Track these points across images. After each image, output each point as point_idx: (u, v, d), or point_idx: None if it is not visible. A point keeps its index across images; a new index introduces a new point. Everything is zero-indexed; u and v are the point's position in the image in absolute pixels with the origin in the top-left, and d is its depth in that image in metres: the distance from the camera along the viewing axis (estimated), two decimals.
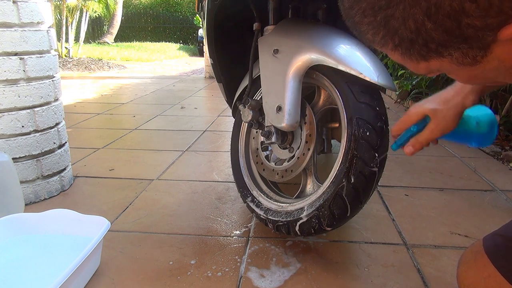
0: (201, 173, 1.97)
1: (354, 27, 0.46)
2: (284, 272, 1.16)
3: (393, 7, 0.39)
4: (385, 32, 0.42)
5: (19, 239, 1.23)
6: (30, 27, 1.52)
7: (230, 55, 1.53)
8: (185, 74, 7.24)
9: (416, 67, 0.47)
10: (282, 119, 1.17)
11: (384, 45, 0.44)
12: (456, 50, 0.41)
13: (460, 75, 0.47)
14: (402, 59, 0.46)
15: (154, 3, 19.03)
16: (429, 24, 0.38)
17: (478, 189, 1.78)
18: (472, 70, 0.44)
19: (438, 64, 0.44)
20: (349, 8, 0.43)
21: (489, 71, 0.43)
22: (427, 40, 0.40)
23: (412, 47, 0.42)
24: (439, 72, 0.47)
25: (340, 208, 1.07)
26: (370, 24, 0.42)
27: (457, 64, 0.43)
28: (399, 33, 0.41)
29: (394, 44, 0.43)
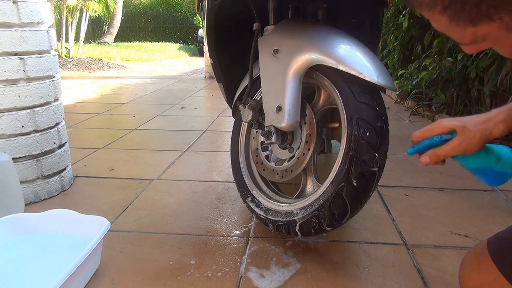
0: (201, 173, 1.97)
1: None
2: (284, 272, 1.16)
3: None
4: None
5: (19, 239, 1.23)
6: (30, 27, 1.52)
7: (230, 55, 1.53)
8: (185, 74, 7.24)
9: (461, 34, 0.45)
10: (282, 119, 1.17)
11: (432, 7, 0.43)
12: (508, 13, 0.39)
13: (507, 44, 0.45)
14: (449, 24, 0.44)
15: (154, 3, 19.04)
16: None
17: (478, 189, 1.78)
18: None
19: (486, 29, 0.42)
20: None
21: None
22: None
23: (462, 9, 0.40)
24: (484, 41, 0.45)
25: (340, 208, 1.07)
26: None
27: (506, 30, 0.41)
28: None
29: (444, 6, 0.41)
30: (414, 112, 3.39)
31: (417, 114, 3.38)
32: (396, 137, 2.65)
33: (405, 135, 2.73)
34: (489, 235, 0.74)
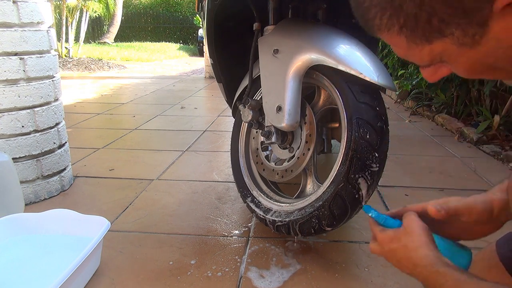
0: (201, 173, 1.97)
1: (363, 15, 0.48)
2: (284, 272, 1.16)
3: None
4: (392, 10, 0.44)
5: (19, 239, 1.23)
6: (30, 27, 1.52)
7: (230, 55, 1.53)
8: (185, 74, 7.24)
9: (420, 54, 0.48)
10: (282, 119, 1.17)
11: (390, 28, 0.46)
12: (457, 28, 0.42)
13: (461, 61, 0.47)
14: (407, 45, 0.47)
15: (154, 3, 19.04)
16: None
17: (478, 189, 1.78)
18: (472, 54, 0.45)
19: (441, 46, 0.45)
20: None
21: (488, 55, 0.45)
22: (430, 14, 0.42)
23: (416, 26, 0.44)
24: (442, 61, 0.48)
25: (340, 208, 1.07)
26: (378, 5, 0.45)
27: (458, 45, 0.44)
28: (404, 8, 0.43)
29: (400, 25, 0.45)
30: (414, 112, 3.39)
31: (417, 114, 3.38)
32: (396, 137, 2.65)
33: (405, 135, 2.73)
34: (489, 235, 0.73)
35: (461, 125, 2.71)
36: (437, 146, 2.47)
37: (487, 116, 2.53)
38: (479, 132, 2.46)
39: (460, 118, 2.92)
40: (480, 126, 2.49)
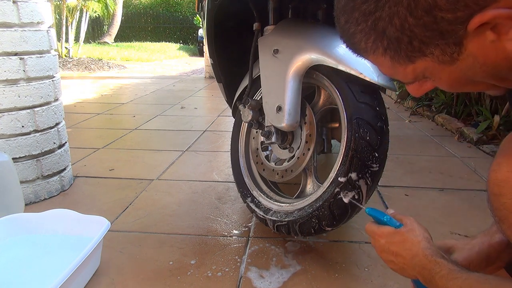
0: (201, 173, 1.97)
1: (349, 40, 0.52)
2: (284, 272, 1.16)
3: (380, 9, 0.45)
4: (376, 35, 0.48)
5: (19, 239, 1.23)
6: (30, 27, 1.52)
7: (230, 55, 1.53)
8: (185, 74, 7.24)
9: (404, 73, 0.51)
10: (282, 119, 1.17)
11: (375, 51, 0.50)
12: (436, 47, 0.46)
13: (443, 77, 0.51)
14: (392, 64, 0.50)
15: (154, 3, 19.04)
16: (411, 19, 0.44)
17: (478, 189, 1.78)
18: (452, 70, 0.48)
19: (423, 65, 0.49)
20: (344, 23, 0.50)
21: (467, 70, 0.48)
22: (410, 37, 0.45)
23: (399, 47, 0.47)
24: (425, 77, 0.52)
25: (340, 208, 1.07)
26: (362, 31, 0.48)
27: (438, 63, 0.48)
28: (387, 33, 0.46)
29: (384, 48, 0.48)
30: (414, 112, 3.39)
31: (417, 114, 3.38)
32: (396, 137, 2.65)
33: (405, 135, 2.73)
34: None
35: (461, 125, 2.71)
36: (437, 146, 2.47)
37: (487, 116, 2.53)
38: (479, 132, 2.46)
39: (460, 118, 2.92)
40: (480, 126, 2.49)
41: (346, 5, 0.49)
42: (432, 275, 0.64)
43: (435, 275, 0.63)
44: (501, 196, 0.53)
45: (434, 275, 0.63)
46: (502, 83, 0.50)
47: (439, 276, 0.62)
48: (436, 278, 0.63)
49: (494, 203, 0.54)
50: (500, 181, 0.53)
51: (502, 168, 0.53)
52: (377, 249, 0.77)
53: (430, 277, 0.64)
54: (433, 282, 0.64)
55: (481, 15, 0.41)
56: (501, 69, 0.47)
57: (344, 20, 0.50)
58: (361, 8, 0.46)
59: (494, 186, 0.54)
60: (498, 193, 0.53)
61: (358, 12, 0.47)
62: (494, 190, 0.54)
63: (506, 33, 0.42)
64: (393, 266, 0.74)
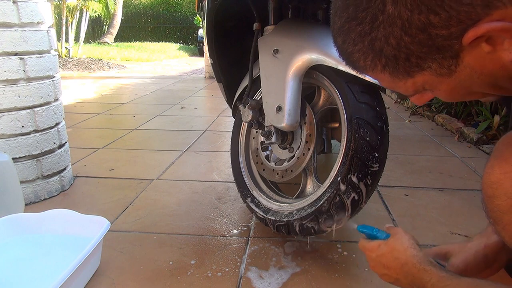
0: (201, 173, 1.97)
1: (348, 58, 0.53)
2: (284, 272, 1.16)
3: (375, 30, 0.45)
4: (373, 54, 0.48)
5: (19, 239, 1.23)
6: (30, 27, 1.52)
7: (230, 55, 1.53)
8: (185, 74, 7.24)
9: (404, 87, 0.52)
10: (282, 119, 1.17)
11: (374, 68, 0.50)
12: (433, 62, 0.46)
13: (442, 88, 0.51)
14: (392, 79, 0.51)
15: (154, 3, 19.04)
16: (406, 38, 0.44)
17: (478, 189, 1.78)
18: (451, 81, 0.49)
19: (422, 78, 0.49)
20: (342, 43, 0.51)
21: (465, 80, 0.49)
22: (408, 54, 0.46)
23: (397, 64, 0.48)
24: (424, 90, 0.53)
25: (340, 208, 1.07)
26: (360, 51, 0.49)
27: (437, 76, 0.48)
28: (384, 52, 0.47)
29: (382, 65, 0.49)
30: (414, 112, 3.39)
31: (417, 114, 3.38)
32: (396, 137, 2.65)
33: (405, 135, 2.73)
34: None
35: (461, 125, 2.71)
36: (437, 146, 2.47)
37: (487, 116, 2.53)
38: (479, 132, 2.46)
39: (460, 118, 2.92)
40: (480, 126, 2.49)
41: (342, 27, 0.50)
42: (423, 284, 0.64)
43: (426, 284, 0.64)
44: (495, 198, 0.53)
45: (425, 284, 0.64)
46: (499, 91, 0.51)
47: (430, 284, 0.63)
48: (427, 286, 0.63)
49: (488, 205, 0.55)
50: (493, 183, 0.53)
51: (495, 170, 0.53)
52: (370, 264, 0.78)
53: (421, 285, 0.65)
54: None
55: (475, 30, 0.41)
56: (498, 78, 0.47)
57: (341, 41, 0.51)
58: (356, 30, 0.47)
59: (487, 188, 0.54)
60: (491, 195, 0.54)
61: (354, 33, 0.48)
62: (488, 192, 0.54)
63: (501, 43, 0.42)
64: (388, 279, 0.75)
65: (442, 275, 0.62)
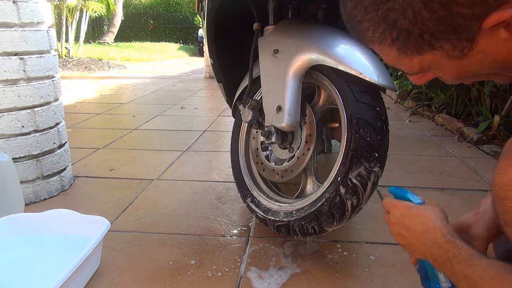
0: (201, 173, 1.97)
1: (355, 27, 0.50)
2: (284, 272, 1.16)
3: None
4: (385, 26, 0.46)
5: (19, 239, 1.23)
6: (30, 27, 1.52)
7: (230, 55, 1.53)
8: (185, 74, 7.24)
9: (410, 64, 0.50)
10: (282, 119, 1.16)
11: (382, 41, 0.48)
12: (447, 42, 0.45)
13: (449, 70, 0.50)
14: (398, 55, 0.49)
15: (154, 3, 19.04)
16: (425, 12, 0.42)
17: (478, 189, 1.78)
18: (460, 65, 0.47)
19: (430, 58, 0.48)
20: (351, 9, 0.48)
21: (475, 65, 0.47)
22: (422, 30, 0.44)
23: (409, 40, 0.46)
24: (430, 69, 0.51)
25: (340, 208, 1.07)
26: (371, 20, 0.46)
27: (447, 57, 0.47)
28: (398, 25, 0.45)
29: (392, 39, 0.47)
30: (414, 112, 3.39)
31: (417, 114, 3.38)
32: (396, 137, 2.65)
33: (405, 135, 2.73)
34: None
35: (461, 125, 2.71)
36: (437, 146, 2.47)
37: (487, 116, 2.53)
38: (479, 132, 2.46)
39: (460, 118, 2.92)
40: (480, 126, 2.49)
41: None
42: (448, 257, 0.59)
43: (453, 257, 0.58)
44: (507, 200, 0.51)
45: (451, 257, 0.58)
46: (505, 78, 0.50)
47: (457, 260, 0.57)
48: (453, 261, 0.58)
49: (499, 207, 0.53)
50: (506, 184, 0.51)
51: (508, 172, 0.51)
52: (390, 221, 0.72)
53: (445, 258, 0.59)
54: (447, 265, 0.59)
55: (500, 14, 0.40)
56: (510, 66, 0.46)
57: (352, 6, 0.48)
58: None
59: (499, 190, 0.52)
60: (503, 197, 0.51)
61: (368, 0, 0.45)
62: (499, 194, 0.52)
63: None
64: (401, 240, 0.69)
65: (472, 252, 0.57)
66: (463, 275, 0.55)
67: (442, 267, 0.60)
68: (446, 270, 0.59)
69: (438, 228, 0.62)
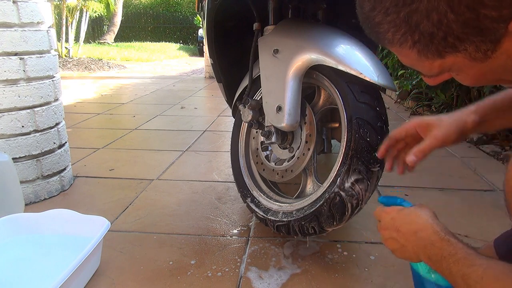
0: (201, 173, 1.97)
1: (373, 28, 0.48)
2: (284, 272, 1.16)
3: (418, 2, 0.41)
4: (407, 28, 0.44)
5: (19, 239, 1.23)
6: (30, 27, 1.52)
7: (230, 55, 1.53)
8: (185, 74, 7.24)
9: (430, 67, 0.49)
10: (282, 119, 1.16)
11: (402, 43, 0.47)
12: (471, 44, 0.43)
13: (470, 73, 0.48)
14: (418, 58, 0.47)
15: (154, 3, 19.05)
16: (451, 15, 0.41)
17: (478, 189, 1.78)
18: (482, 67, 0.46)
19: (452, 60, 0.46)
20: (370, 10, 0.46)
21: (497, 67, 0.46)
22: (446, 33, 0.43)
23: (431, 43, 0.44)
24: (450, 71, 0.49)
25: (340, 208, 1.07)
26: (391, 22, 0.45)
27: (470, 60, 0.45)
28: (420, 28, 0.43)
29: (414, 41, 0.45)
30: (414, 112, 3.39)
31: (417, 114, 3.38)
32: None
33: None
34: (489, 235, 0.74)
35: None
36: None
37: None
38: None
39: None
40: None
41: None
42: (443, 256, 0.57)
43: (448, 256, 0.56)
44: None
45: (447, 256, 0.57)
46: None
47: (453, 260, 0.56)
48: (449, 260, 0.56)
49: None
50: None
51: None
52: (381, 227, 0.71)
53: (439, 257, 0.58)
54: (442, 263, 0.57)
55: None
56: None
57: (370, 7, 0.46)
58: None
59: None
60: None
61: (390, 1, 0.43)
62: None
63: None
64: (392, 244, 0.68)
65: (469, 252, 0.55)
66: (460, 275, 0.54)
67: (437, 265, 0.59)
68: (441, 269, 0.58)
69: (430, 225, 0.62)
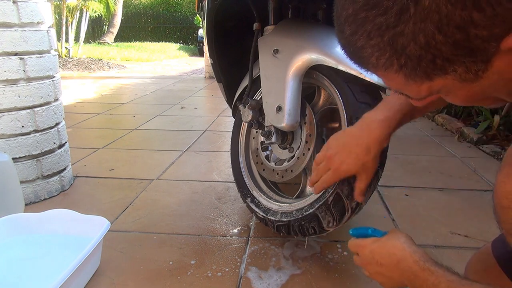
0: (201, 173, 1.97)
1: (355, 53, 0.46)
2: (284, 272, 1.16)
3: (402, 24, 0.39)
4: (392, 52, 0.42)
5: (19, 239, 1.23)
6: (30, 27, 1.52)
7: (230, 55, 1.53)
8: (185, 74, 7.24)
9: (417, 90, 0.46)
10: (282, 119, 1.17)
11: (388, 68, 0.44)
12: (461, 65, 0.41)
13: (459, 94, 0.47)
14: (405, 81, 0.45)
15: (154, 3, 19.05)
16: (440, 36, 0.38)
17: (478, 189, 1.78)
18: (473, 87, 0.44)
19: (441, 82, 0.44)
20: (351, 35, 0.43)
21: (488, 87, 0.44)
22: (435, 55, 0.40)
23: (418, 66, 0.42)
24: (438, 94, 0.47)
25: (340, 208, 1.07)
26: (375, 46, 0.42)
27: (460, 81, 0.43)
28: (407, 51, 0.41)
29: (400, 65, 0.43)
30: None
31: None
32: (396, 137, 2.64)
33: (405, 135, 2.73)
34: (489, 235, 0.74)
35: (461, 125, 2.71)
36: (437, 146, 2.47)
37: (487, 116, 2.53)
38: (479, 132, 2.46)
39: (460, 118, 2.92)
40: (480, 126, 2.49)
41: (355, 15, 0.42)
42: (427, 286, 0.58)
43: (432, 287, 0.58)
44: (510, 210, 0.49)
45: (431, 286, 0.58)
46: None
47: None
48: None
49: (502, 216, 0.51)
50: (509, 193, 0.49)
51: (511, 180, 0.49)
52: (362, 263, 0.71)
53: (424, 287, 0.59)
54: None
55: None
56: None
57: (351, 31, 0.43)
58: (375, 21, 0.40)
59: (502, 199, 0.50)
60: (506, 206, 0.50)
61: (372, 24, 0.41)
62: (502, 202, 0.50)
63: None
64: (381, 278, 0.69)
65: (452, 278, 0.56)
66: None
67: None
68: None
69: (408, 255, 0.62)
